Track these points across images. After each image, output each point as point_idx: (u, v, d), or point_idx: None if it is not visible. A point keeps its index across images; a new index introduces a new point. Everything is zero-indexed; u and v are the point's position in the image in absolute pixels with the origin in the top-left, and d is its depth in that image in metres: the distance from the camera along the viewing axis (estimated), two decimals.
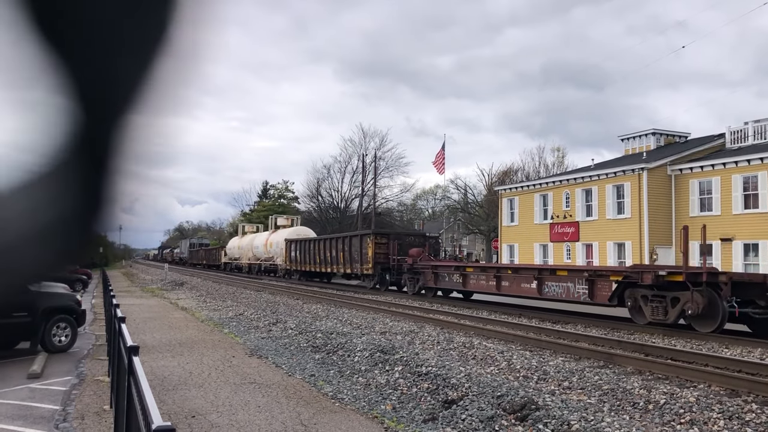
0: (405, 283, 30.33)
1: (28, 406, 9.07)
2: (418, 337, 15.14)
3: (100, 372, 11.41)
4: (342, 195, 76.56)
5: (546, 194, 44.86)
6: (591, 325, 17.58)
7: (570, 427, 7.64)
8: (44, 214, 0.73)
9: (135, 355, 5.26)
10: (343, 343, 13.95)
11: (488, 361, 12.03)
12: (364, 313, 20.78)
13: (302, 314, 20.71)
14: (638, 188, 37.44)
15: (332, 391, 10.21)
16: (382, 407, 9.40)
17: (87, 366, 12.18)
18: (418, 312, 20.77)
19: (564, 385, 10.00)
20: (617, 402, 8.96)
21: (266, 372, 11.74)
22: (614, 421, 7.68)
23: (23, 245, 0.74)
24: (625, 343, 13.60)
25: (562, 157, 72.37)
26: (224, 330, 17.80)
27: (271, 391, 10.15)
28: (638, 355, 12.11)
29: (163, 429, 3.19)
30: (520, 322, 18.25)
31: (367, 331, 16.06)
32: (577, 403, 8.75)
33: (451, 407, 9.05)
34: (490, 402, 8.89)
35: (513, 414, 8.38)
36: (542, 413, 8.13)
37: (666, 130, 45.44)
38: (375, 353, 12.55)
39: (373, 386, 10.60)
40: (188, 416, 8.53)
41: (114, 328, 9.13)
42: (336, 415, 8.87)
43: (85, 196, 0.75)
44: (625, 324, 17.30)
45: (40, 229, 0.74)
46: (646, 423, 7.94)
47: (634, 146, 45.06)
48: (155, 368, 11.44)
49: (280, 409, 9.03)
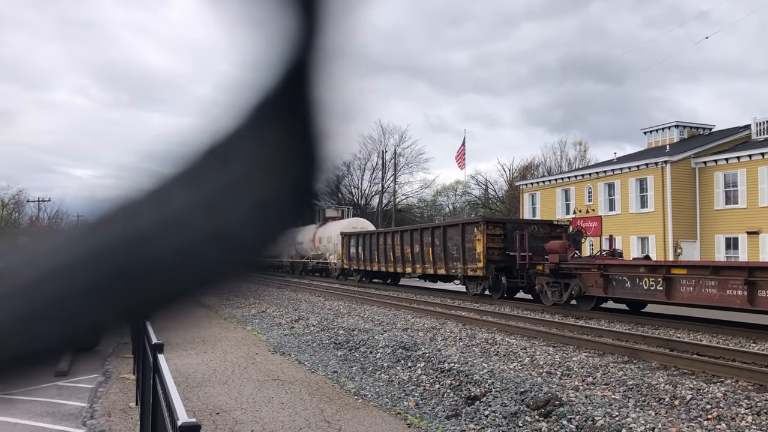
0: (542, 289, 21.54)
1: (56, 403, 9.20)
2: (440, 333, 15.12)
3: (126, 370, 11.55)
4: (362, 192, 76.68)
5: (568, 189, 44.52)
6: (614, 320, 17.41)
7: (594, 423, 7.58)
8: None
9: (160, 352, 5.31)
10: (365, 340, 13.97)
11: (511, 357, 11.98)
12: (386, 309, 20.79)
13: (324, 311, 20.78)
14: (662, 181, 37.00)
15: (355, 388, 10.23)
16: (405, 404, 9.40)
17: (113, 364, 12.33)
18: (440, 308, 20.73)
19: (588, 381, 9.92)
20: (642, 397, 8.87)
21: (289, 369, 11.80)
22: (639, 417, 7.60)
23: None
24: (650, 338, 13.46)
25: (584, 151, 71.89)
26: (247, 327, 17.92)
27: (294, 387, 10.20)
28: (663, 350, 11.98)
29: (188, 426, 3.21)
30: (543, 317, 18.14)
31: (388, 328, 16.08)
32: (601, 399, 8.68)
33: (474, 403, 9.03)
34: (513, 398, 8.86)
35: (536, 410, 8.33)
36: (566, 409, 8.07)
37: (689, 123, 44.86)
38: (397, 350, 12.56)
39: (396, 383, 10.61)
40: (213, 413, 8.60)
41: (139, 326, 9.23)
42: (359, 411, 8.89)
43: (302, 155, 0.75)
44: (648, 319, 17.12)
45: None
46: (672, 419, 7.85)
47: (657, 139, 44.54)
48: (180, 365, 11.55)
49: (304, 405, 9.07)
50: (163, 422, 4.17)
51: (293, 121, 0.74)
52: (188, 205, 0.73)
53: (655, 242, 37.09)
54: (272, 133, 0.74)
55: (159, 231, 0.72)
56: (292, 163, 0.75)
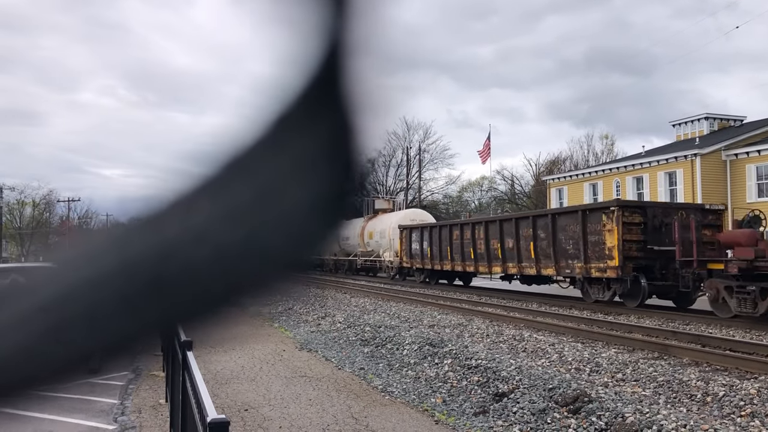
0: (717, 296, 16.09)
1: (89, 400, 9.36)
2: (467, 330, 15.06)
3: (155, 367, 11.70)
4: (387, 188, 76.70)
5: (595, 183, 44.05)
6: (644, 315, 17.19)
7: (624, 419, 7.49)
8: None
9: (189, 350, 5.37)
10: (392, 337, 13.98)
11: (539, 353, 11.89)
12: (412, 306, 20.78)
13: (350, 308, 20.84)
14: (691, 174, 36.41)
15: (382, 385, 10.24)
16: (432, 400, 9.39)
17: (142, 361, 12.50)
18: (467, 305, 20.65)
19: (617, 377, 9.81)
20: (673, 394, 8.75)
21: (316, 365, 11.86)
22: (670, 414, 7.49)
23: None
24: (681, 334, 13.26)
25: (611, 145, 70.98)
26: (274, 324, 18.04)
27: (322, 384, 10.24)
28: (695, 346, 11.79)
29: (217, 422, 3.23)
30: (571, 314, 17.97)
31: (415, 325, 16.06)
32: (631, 396, 8.57)
33: (501, 400, 8.98)
34: (541, 395, 8.79)
35: (565, 407, 8.26)
36: (595, 406, 7.99)
37: (720, 114, 44.05)
38: (424, 346, 12.54)
39: (423, 379, 10.60)
40: (241, 409, 8.67)
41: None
42: (386, 408, 8.89)
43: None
44: (680, 314, 16.87)
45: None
46: (705, 416, 7.72)
47: (686, 132, 43.82)
48: (208, 362, 11.67)
49: (331, 402, 9.10)
50: (192, 418, 4.22)
51: (327, 116, 0.74)
52: (224, 209, 0.72)
53: None
54: (306, 130, 0.74)
55: (195, 235, 0.72)
56: (327, 160, 0.75)
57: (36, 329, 0.72)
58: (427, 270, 31.06)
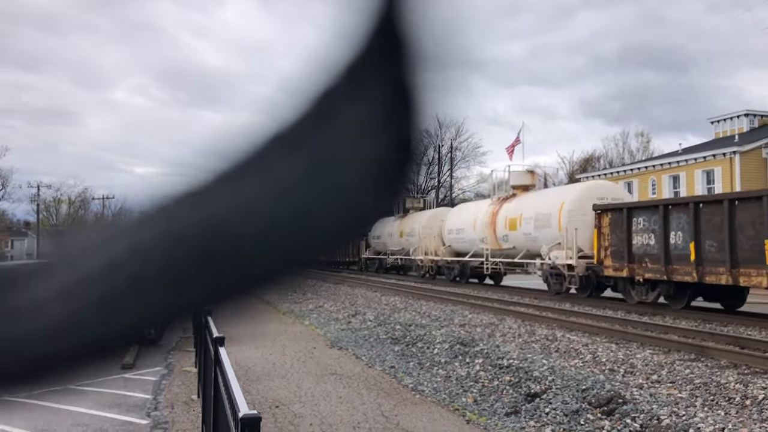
0: None
1: (123, 395, 9.51)
2: (498, 329, 14.94)
3: (188, 363, 11.84)
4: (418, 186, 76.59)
5: (631, 181, 43.35)
6: (680, 316, 16.85)
7: (660, 422, 7.34)
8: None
9: (221, 345, 5.40)
10: (422, 335, 13.93)
11: (572, 353, 11.73)
12: (443, 305, 20.70)
13: (380, 306, 20.84)
14: (730, 173, 35.60)
15: (412, 383, 10.21)
16: (464, 400, 9.32)
17: (175, 357, 12.67)
18: (498, 304, 20.49)
19: (653, 379, 9.62)
20: (711, 397, 8.54)
21: (347, 363, 11.87)
22: (708, 417, 7.32)
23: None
24: (719, 336, 12.96)
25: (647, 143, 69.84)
26: (305, 322, 18.13)
27: (352, 382, 10.25)
28: (733, 348, 11.51)
29: (249, 417, 3.24)
30: (605, 314, 17.71)
31: (446, 324, 15.98)
32: (666, 398, 8.40)
33: (534, 400, 8.88)
34: (574, 395, 8.67)
35: (599, 408, 8.13)
36: (630, 407, 7.85)
37: (760, 111, 42.95)
38: (455, 345, 12.47)
39: (454, 378, 10.53)
40: (272, 406, 8.72)
41: (200, 320, 9.44)
42: (417, 407, 8.86)
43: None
44: (717, 315, 16.50)
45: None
46: (743, 419, 7.52)
47: (725, 129, 42.86)
48: (240, 359, 11.76)
49: (361, 400, 9.10)
50: (224, 414, 4.24)
51: (382, 85, 0.72)
52: (261, 191, 0.71)
53: None
54: (359, 101, 0.72)
55: (229, 219, 0.70)
56: (384, 131, 0.73)
57: (82, 303, 0.72)
58: (654, 281, 18.28)
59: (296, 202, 0.70)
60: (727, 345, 11.92)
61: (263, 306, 22.89)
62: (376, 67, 0.71)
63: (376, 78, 0.71)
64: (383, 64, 0.71)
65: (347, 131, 0.71)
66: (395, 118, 0.72)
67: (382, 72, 0.71)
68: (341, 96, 0.71)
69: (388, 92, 0.72)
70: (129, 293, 0.71)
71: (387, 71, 0.71)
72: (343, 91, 0.71)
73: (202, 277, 0.71)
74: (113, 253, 0.73)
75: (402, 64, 0.71)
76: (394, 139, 0.73)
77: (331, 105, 0.71)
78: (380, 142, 0.72)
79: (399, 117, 0.72)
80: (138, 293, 0.71)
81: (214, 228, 0.70)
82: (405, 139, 0.73)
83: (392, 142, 0.73)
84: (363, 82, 0.71)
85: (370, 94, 0.71)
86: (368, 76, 0.71)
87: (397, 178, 0.76)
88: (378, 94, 0.71)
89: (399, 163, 0.75)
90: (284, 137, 0.71)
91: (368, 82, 0.71)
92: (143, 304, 0.72)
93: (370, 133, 0.71)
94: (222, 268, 0.71)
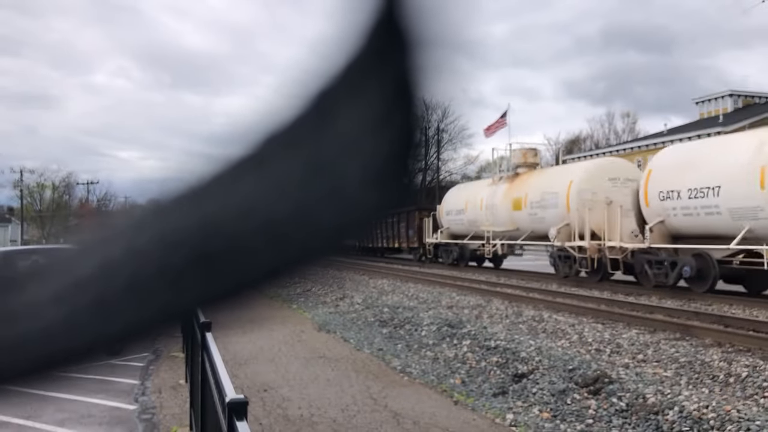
0: None
1: (110, 381, 9.46)
2: (485, 311, 15.00)
3: (175, 348, 11.80)
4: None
5: None
6: (666, 296, 17.00)
7: (645, 400, 7.42)
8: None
9: (208, 331, 5.37)
10: (410, 318, 13.97)
11: (559, 334, 11.81)
12: (431, 287, 20.75)
13: (368, 289, 20.86)
14: None
15: (401, 365, 10.24)
16: (451, 381, 9.37)
17: (162, 342, 12.62)
18: (486, 286, 20.57)
19: (638, 358, 9.71)
20: (695, 375, 8.64)
21: (335, 346, 11.89)
22: (692, 395, 7.40)
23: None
24: (703, 315, 13.09)
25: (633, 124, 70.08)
26: (293, 306, 18.13)
27: (340, 365, 10.26)
28: (717, 327, 11.64)
29: (236, 401, 3.22)
30: (591, 294, 17.83)
31: (433, 306, 16.03)
32: (652, 376, 8.48)
33: (521, 381, 8.94)
34: (561, 375, 8.73)
35: (585, 387, 8.20)
36: (616, 386, 7.92)
37: (744, 91, 43.20)
38: (442, 327, 12.52)
39: (442, 360, 10.58)
40: (260, 390, 8.72)
41: None
42: (405, 388, 8.89)
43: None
44: (701, 295, 16.65)
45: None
46: (727, 396, 7.62)
47: (710, 109, 43.09)
48: (227, 344, 11.74)
49: (350, 383, 9.12)
50: (212, 398, 4.22)
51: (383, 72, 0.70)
52: (271, 179, 0.68)
53: None
54: (359, 91, 0.70)
55: (240, 207, 0.68)
56: (385, 121, 0.70)
57: (78, 304, 0.70)
58: None
59: (292, 198, 0.67)
60: (711, 324, 12.05)
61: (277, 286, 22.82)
62: (370, 51, 0.69)
63: (370, 62, 0.69)
64: (378, 47, 0.68)
65: (342, 120, 0.68)
66: (392, 104, 0.70)
67: (376, 56, 0.69)
68: (337, 83, 0.69)
69: (384, 77, 0.69)
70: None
71: (382, 55, 0.69)
72: (338, 77, 0.69)
73: (199, 277, 0.68)
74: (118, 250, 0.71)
75: (398, 46, 0.68)
76: (394, 126, 0.70)
77: (327, 93, 0.69)
78: (379, 130, 0.69)
79: (396, 103, 0.69)
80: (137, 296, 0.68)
81: (211, 225, 0.67)
82: (405, 126, 0.70)
83: (391, 129, 0.70)
84: (356, 66, 0.69)
85: (364, 79, 0.69)
86: (362, 61, 0.69)
87: (400, 167, 0.73)
88: (373, 80, 0.69)
89: (400, 151, 0.72)
90: (281, 129, 0.69)
91: (362, 66, 0.69)
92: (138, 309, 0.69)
93: (367, 121, 0.69)
94: (220, 268, 0.68)
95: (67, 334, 0.70)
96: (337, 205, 0.68)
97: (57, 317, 0.69)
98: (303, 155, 0.68)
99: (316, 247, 0.72)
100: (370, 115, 0.68)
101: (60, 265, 0.75)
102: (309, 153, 0.67)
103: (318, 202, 0.68)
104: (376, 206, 0.72)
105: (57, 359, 0.73)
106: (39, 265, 0.77)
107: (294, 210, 0.68)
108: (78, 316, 0.69)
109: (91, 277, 0.70)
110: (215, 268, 0.68)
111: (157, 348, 12.04)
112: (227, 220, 0.67)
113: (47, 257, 0.80)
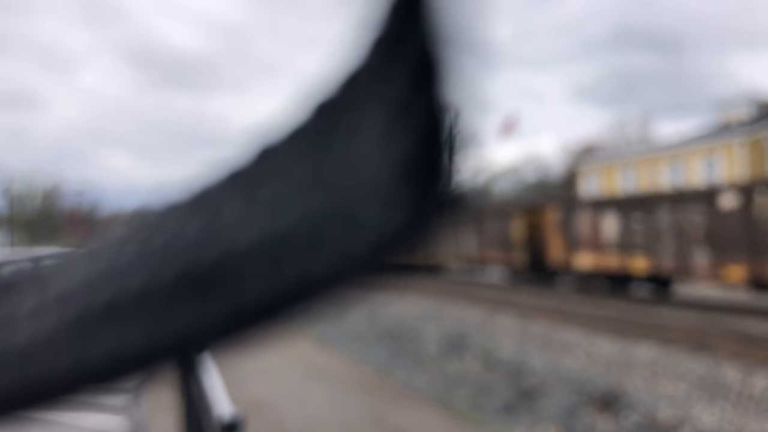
0: None
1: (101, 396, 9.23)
2: (492, 323, 14.72)
3: None
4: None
5: (629, 169, 43.29)
6: (680, 309, 16.72)
7: (657, 415, 7.18)
8: None
9: None
10: (414, 330, 13.73)
11: (568, 348, 11.54)
12: (435, 298, 20.48)
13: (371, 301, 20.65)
14: (731, 159, 35.50)
15: (404, 380, 10.00)
16: (457, 396, 9.11)
17: None
18: (493, 296, 20.23)
19: (650, 372, 9.45)
20: (709, 390, 8.39)
21: (334, 360, 11.66)
22: (705, 410, 7.16)
23: None
24: (717, 328, 12.82)
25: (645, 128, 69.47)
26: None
27: (340, 379, 10.04)
28: (733, 340, 11.35)
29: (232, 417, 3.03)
30: (602, 306, 17.54)
31: (438, 318, 15.77)
32: (664, 392, 8.24)
33: (529, 395, 8.69)
34: (571, 390, 8.48)
35: (595, 402, 7.96)
36: (626, 401, 7.68)
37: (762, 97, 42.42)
38: (447, 340, 12.27)
39: (447, 374, 10.32)
40: (257, 405, 8.49)
41: None
42: (409, 403, 8.66)
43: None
44: (714, 308, 16.37)
45: None
46: (741, 412, 7.38)
47: (726, 114, 42.49)
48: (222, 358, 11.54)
49: (351, 397, 8.89)
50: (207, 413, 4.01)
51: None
52: (272, 186, 0.56)
53: None
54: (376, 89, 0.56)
55: (236, 219, 0.56)
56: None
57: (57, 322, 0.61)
58: None
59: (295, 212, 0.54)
60: (726, 337, 11.75)
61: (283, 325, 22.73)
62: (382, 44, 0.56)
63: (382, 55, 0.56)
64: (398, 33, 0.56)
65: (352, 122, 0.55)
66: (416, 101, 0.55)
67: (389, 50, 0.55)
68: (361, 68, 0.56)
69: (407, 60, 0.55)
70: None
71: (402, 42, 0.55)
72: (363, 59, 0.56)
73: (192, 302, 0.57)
74: None
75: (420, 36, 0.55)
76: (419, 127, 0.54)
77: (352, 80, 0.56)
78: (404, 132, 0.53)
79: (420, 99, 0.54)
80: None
81: (206, 241, 0.57)
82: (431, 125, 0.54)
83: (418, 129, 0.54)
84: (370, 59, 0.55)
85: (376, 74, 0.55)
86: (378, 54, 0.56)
87: (432, 177, 0.55)
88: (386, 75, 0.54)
89: (430, 156, 0.55)
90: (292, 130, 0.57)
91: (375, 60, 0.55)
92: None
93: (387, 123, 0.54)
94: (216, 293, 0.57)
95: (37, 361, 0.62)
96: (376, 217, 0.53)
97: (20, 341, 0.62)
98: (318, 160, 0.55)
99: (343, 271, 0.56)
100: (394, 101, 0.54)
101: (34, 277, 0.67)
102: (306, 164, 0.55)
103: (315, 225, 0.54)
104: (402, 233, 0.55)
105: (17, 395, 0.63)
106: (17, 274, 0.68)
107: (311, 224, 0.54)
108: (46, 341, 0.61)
109: (67, 293, 0.62)
110: (210, 292, 0.57)
111: None
112: (224, 236, 0.56)
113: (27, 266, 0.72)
